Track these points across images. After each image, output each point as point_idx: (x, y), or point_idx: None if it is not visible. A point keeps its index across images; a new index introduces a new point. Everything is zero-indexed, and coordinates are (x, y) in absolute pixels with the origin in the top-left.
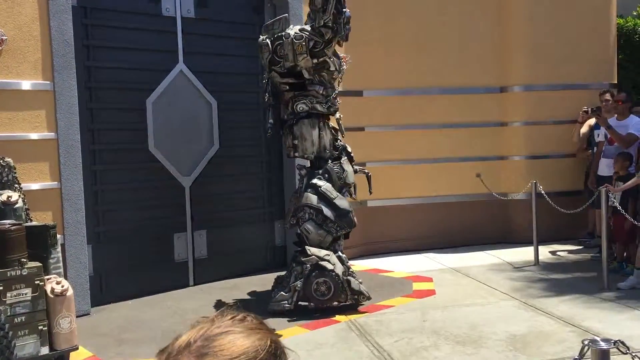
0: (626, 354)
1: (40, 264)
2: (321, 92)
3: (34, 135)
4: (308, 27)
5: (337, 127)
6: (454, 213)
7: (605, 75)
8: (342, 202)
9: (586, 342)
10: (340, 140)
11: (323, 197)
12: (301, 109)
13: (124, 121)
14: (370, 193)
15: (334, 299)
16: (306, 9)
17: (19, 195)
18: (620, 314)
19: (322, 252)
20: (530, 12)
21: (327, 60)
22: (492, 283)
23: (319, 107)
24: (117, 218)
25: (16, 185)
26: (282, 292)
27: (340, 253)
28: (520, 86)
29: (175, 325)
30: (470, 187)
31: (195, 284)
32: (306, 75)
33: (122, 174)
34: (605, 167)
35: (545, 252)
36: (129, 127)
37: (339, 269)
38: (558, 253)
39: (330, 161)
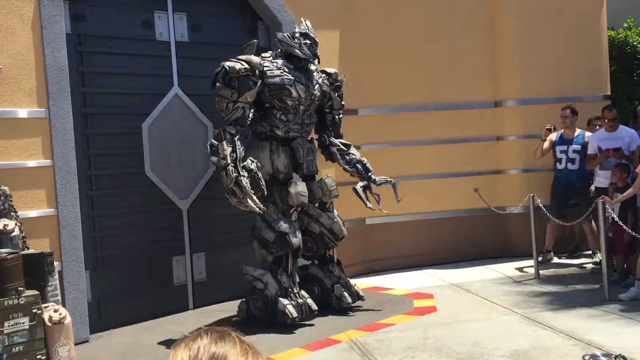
0: None
1: (38, 293)
2: (278, 116)
3: (30, 163)
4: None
5: (346, 143)
6: (452, 228)
7: (598, 87)
8: (280, 224)
9: (587, 357)
10: (354, 155)
11: (264, 219)
12: (260, 130)
13: (120, 146)
14: (398, 201)
15: (268, 316)
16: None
17: (16, 224)
18: (623, 326)
19: (257, 272)
20: (521, 26)
21: (288, 87)
22: (493, 298)
23: (277, 131)
24: (114, 243)
25: (12, 214)
26: (242, 302)
27: (280, 274)
28: (514, 100)
29: None
30: (468, 202)
31: (195, 307)
32: (264, 100)
33: (119, 199)
34: (602, 179)
35: (544, 265)
36: (125, 152)
37: (271, 288)
38: (558, 266)
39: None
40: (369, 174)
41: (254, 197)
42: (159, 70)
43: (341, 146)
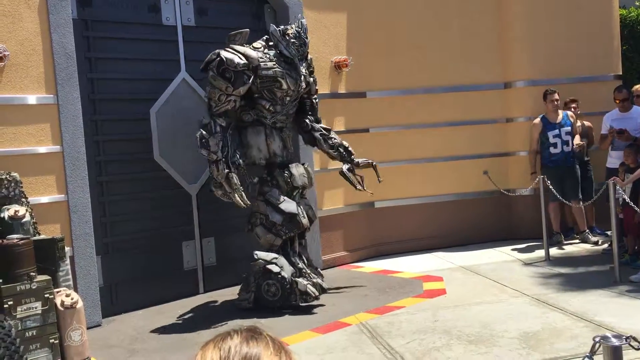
0: (638, 349)
1: (50, 277)
2: (267, 107)
3: (39, 149)
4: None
5: (327, 127)
6: (462, 211)
7: (609, 67)
8: (289, 205)
9: (597, 339)
10: (335, 138)
11: (269, 203)
12: (247, 118)
13: (128, 131)
14: (380, 181)
15: (283, 300)
16: (306, 13)
17: (26, 210)
18: (633, 307)
19: (270, 256)
20: (530, 6)
21: (279, 79)
22: (502, 280)
23: (264, 121)
24: (125, 228)
25: (23, 200)
26: (243, 292)
27: (292, 256)
28: (524, 81)
29: (186, 334)
30: (477, 185)
31: (205, 292)
32: (254, 89)
33: (128, 184)
34: (613, 159)
35: (555, 247)
36: (133, 138)
37: (287, 271)
38: (568, 247)
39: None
40: (352, 157)
41: (242, 194)
42: (166, 55)
43: (323, 131)
